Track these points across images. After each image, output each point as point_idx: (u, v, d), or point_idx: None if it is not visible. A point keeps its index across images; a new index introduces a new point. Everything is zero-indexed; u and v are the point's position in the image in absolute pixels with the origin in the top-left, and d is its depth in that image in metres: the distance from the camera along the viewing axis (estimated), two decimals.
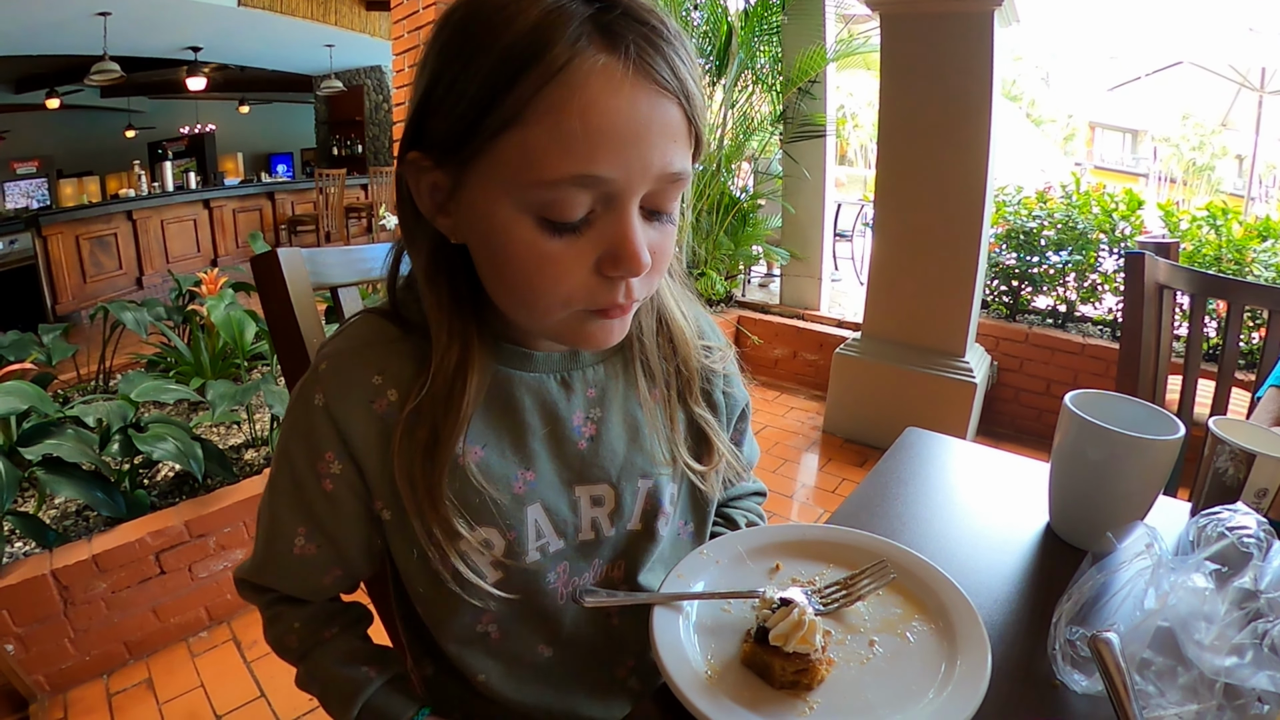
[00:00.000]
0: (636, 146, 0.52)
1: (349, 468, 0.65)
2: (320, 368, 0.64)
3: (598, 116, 0.50)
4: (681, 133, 0.55)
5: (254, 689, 1.85)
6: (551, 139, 0.51)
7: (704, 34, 3.99)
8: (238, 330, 2.78)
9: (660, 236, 0.59)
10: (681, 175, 0.56)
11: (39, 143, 7.05)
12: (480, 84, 0.51)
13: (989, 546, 0.85)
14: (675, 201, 0.59)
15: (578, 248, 0.55)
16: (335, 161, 9.85)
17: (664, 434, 0.73)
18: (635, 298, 0.58)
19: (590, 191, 0.53)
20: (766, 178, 4.46)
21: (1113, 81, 10.10)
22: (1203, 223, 3.30)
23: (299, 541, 0.68)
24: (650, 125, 0.53)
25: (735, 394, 0.82)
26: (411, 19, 3.42)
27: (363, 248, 0.94)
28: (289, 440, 0.66)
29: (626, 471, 0.72)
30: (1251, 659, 0.53)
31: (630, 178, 0.53)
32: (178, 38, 6.86)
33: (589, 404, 0.71)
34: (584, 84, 0.50)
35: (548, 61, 0.50)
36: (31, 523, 1.85)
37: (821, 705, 0.58)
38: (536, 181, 0.52)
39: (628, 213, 0.54)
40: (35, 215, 6.03)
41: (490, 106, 0.51)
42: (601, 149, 0.51)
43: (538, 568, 0.69)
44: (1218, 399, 1.50)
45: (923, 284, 3.11)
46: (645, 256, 0.55)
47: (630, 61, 0.51)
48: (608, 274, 0.56)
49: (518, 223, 0.54)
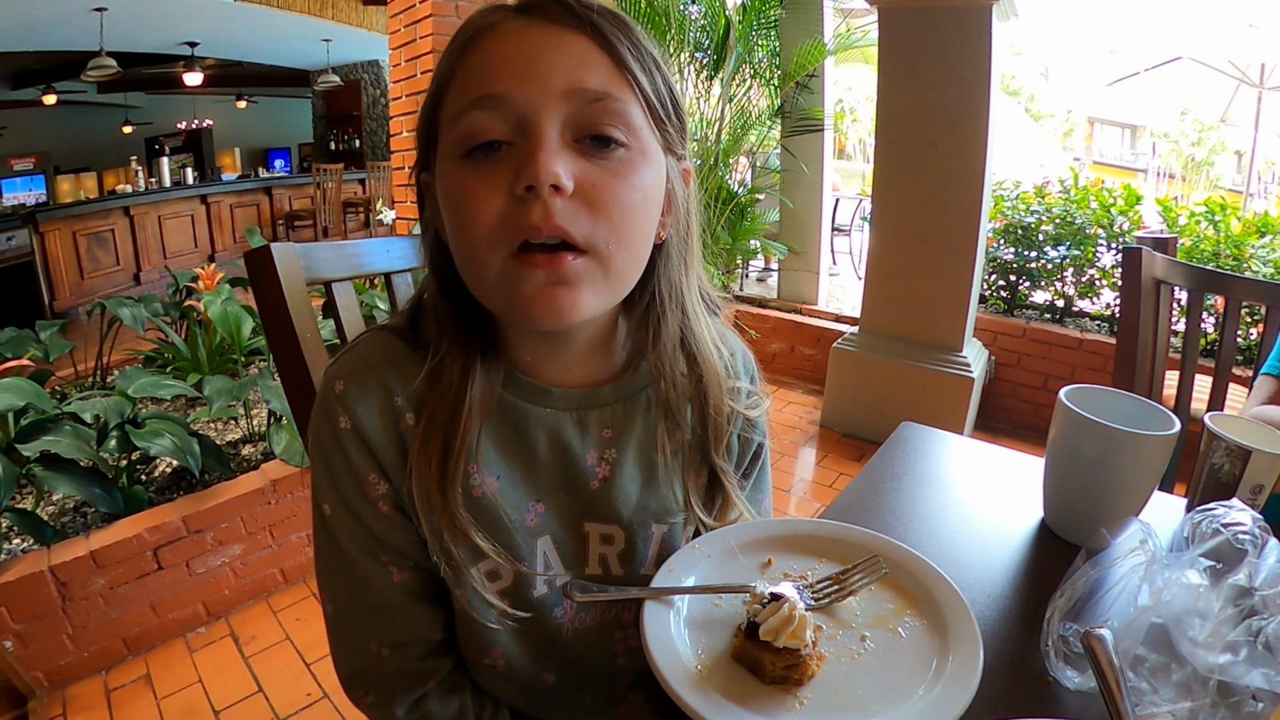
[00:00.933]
0: (530, 66, 0.55)
1: (388, 485, 0.64)
2: (337, 389, 0.63)
3: (497, 51, 0.56)
4: (594, 60, 0.57)
5: (252, 684, 1.85)
6: (462, 82, 0.57)
7: (702, 28, 3.98)
8: (235, 326, 2.78)
9: (602, 172, 0.57)
10: (606, 95, 0.56)
11: (36, 139, 7.02)
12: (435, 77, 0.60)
13: (983, 542, 0.85)
14: (619, 129, 0.57)
15: (495, 175, 0.55)
16: (333, 156, 9.83)
17: (679, 483, 0.72)
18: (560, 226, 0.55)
19: (494, 114, 0.55)
20: (764, 172, 4.45)
21: (1112, 76, 10.07)
22: (1201, 218, 3.29)
23: (392, 571, 0.66)
24: (545, 49, 0.56)
25: (753, 437, 0.80)
26: (408, 13, 3.41)
27: (356, 243, 0.94)
28: (331, 468, 0.64)
29: (639, 515, 0.71)
30: (1245, 656, 0.53)
31: (528, 94, 0.54)
32: (175, 33, 6.84)
33: (603, 444, 0.69)
34: (487, 36, 0.57)
35: (465, 34, 0.58)
36: (29, 519, 1.85)
37: (812, 701, 0.57)
38: (452, 119, 0.57)
39: (537, 129, 0.55)
40: (32, 211, 6.01)
41: (435, 93, 0.60)
42: (494, 73, 0.55)
43: (544, 600, 0.70)
44: (1215, 395, 1.49)
45: (920, 278, 3.11)
46: (554, 167, 0.53)
47: (535, 12, 0.57)
48: (517, 191, 0.54)
49: (449, 170, 0.58)
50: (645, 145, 0.59)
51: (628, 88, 0.58)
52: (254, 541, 2.11)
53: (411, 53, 3.44)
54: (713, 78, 4.00)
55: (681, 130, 0.64)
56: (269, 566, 2.17)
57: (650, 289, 0.66)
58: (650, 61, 0.60)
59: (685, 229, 0.67)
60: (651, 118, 0.60)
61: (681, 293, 0.69)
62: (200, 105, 8.94)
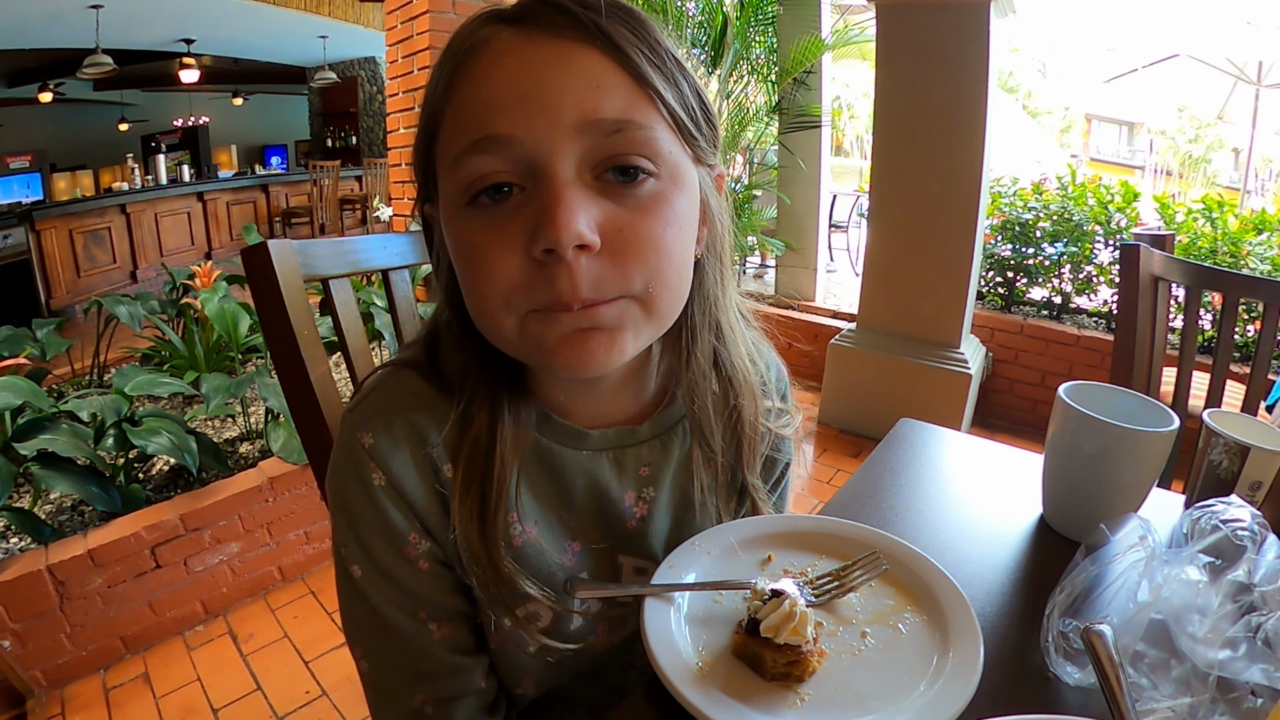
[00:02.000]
0: (533, 99, 0.47)
1: (430, 542, 0.60)
2: (367, 444, 0.58)
3: (491, 81, 0.48)
4: (608, 77, 0.48)
5: (250, 682, 1.85)
6: (456, 119, 0.50)
7: (699, 24, 3.98)
8: (232, 323, 2.77)
9: (630, 212, 0.50)
10: (626, 122, 0.48)
11: (32, 137, 7.00)
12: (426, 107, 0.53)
13: (982, 538, 0.85)
14: (643, 155, 0.50)
15: (507, 230, 0.49)
16: (329, 153, 9.82)
17: (714, 512, 0.71)
18: (587, 295, 0.49)
19: (497, 157, 0.48)
20: (762, 168, 4.45)
21: (1109, 74, 10.08)
22: (1198, 215, 3.30)
23: (432, 629, 0.62)
24: (545, 75, 0.47)
25: (779, 457, 0.79)
26: (405, 9, 3.40)
27: (353, 239, 0.94)
28: (363, 532, 0.59)
29: (671, 546, 0.70)
30: (1245, 652, 0.53)
31: (537, 134, 0.47)
32: (171, 30, 6.83)
33: (641, 483, 0.67)
34: (479, 60, 0.49)
35: (455, 60, 0.50)
36: (27, 518, 1.85)
37: (813, 697, 0.57)
38: (450, 164, 0.50)
39: (550, 175, 0.48)
40: (29, 209, 6.00)
41: (427, 127, 0.52)
42: (491, 111, 0.48)
43: (579, 631, 0.69)
44: (1212, 391, 1.50)
45: (918, 275, 3.11)
46: (575, 224, 0.46)
47: (530, 25, 0.49)
48: (535, 255, 0.48)
49: (455, 218, 0.51)
50: (676, 169, 0.52)
51: (651, 107, 0.50)
52: (252, 539, 2.11)
53: (408, 49, 3.43)
54: (710, 74, 4.00)
55: (714, 136, 0.58)
56: (267, 564, 2.17)
57: (686, 310, 0.60)
58: (674, 66, 0.52)
59: (720, 241, 0.62)
60: (681, 135, 0.52)
61: (716, 310, 0.64)
62: (196, 102, 8.92)
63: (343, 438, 0.60)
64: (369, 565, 0.60)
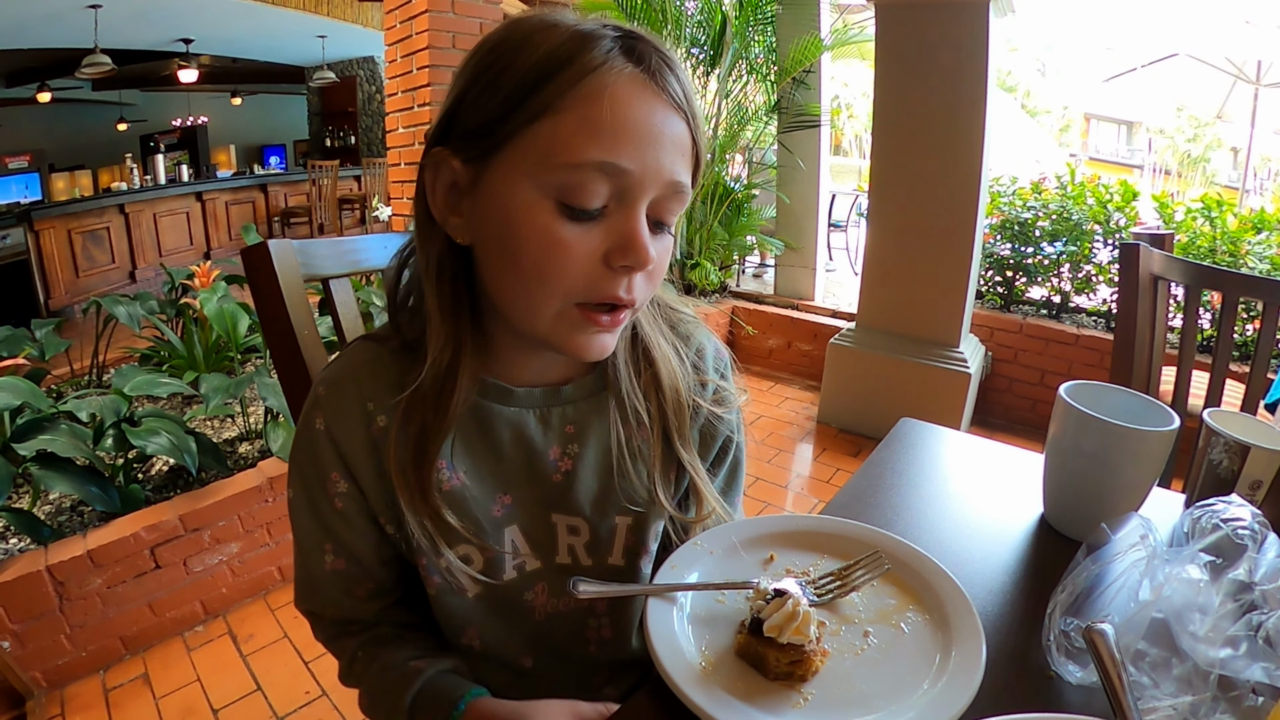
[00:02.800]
0: (653, 147, 0.57)
1: (352, 486, 0.69)
2: (319, 393, 0.69)
3: (624, 111, 0.56)
4: (687, 149, 0.60)
5: (250, 682, 1.85)
6: (583, 125, 0.55)
7: (699, 23, 3.98)
8: (231, 323, 2.77)
9: (662, 251, 0.62)
10: (683, 188, 0.60)
11: (30, 137, 6.99)
12: (517, 80, 0.56)
13: (983, 537, 0.85)
14: (675, 215, 0.62)
15: (590, 237, 0.57)
16: (328, 153, 9.80)
17: (642, 475, 0.73)
18: (634, 297, 0.60)
19: (610, 181, 0.56)
20: (761, 168, 4.46)
21: (1108, 73, 10.08)
22: (1197, 214, 3.30)
23: (329, 559, 0.72)
24: (664, 131, 0.58)
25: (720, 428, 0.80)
26: (404, 9, 3.40)
27: (354, 239, 0.94)
28: (300, 462, 0.70)
29: (600, 506, 0.74)
30: (1246, 651, 0.53)
31: (645, 174, 0.57)
32: (169, 30, 6.82)
33: (566, 439, 0.72)
34: (614, 83, 0.56)
35: (583, 62, 0.56)
36: (26, 519, 1.85)
37: (816, 697, 0.57)
38: (564, 164, 0.55)
39: (638, 208, 0.58)
40: (27, 209, 5.99)
41: (526, 98, 0.56)
42: (625, 141, 0.56)
43: (515, 584, 0.74)
44: (1212, 390, 1.50)
45: (917, 274, 3.11)
46: (652, 252, 0.58)
47: (651, 74, 0.57)
48: (614, 265, 0.58)
49: (537, 206, 0.57)
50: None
51: (695, 174, 0.62)
52: (251, 539, 2.11)
53: (407, 49, 3.43)
54: (709, 73, 4.00)
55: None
56: (266, 564, 2.17)
57: None
58: (703, 130, 0.63)
59: None
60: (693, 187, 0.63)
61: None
62: (195, 102, 8.91)
63: (312, 388, 0.71)
64: (300, 489, 0.71)
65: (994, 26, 2.75)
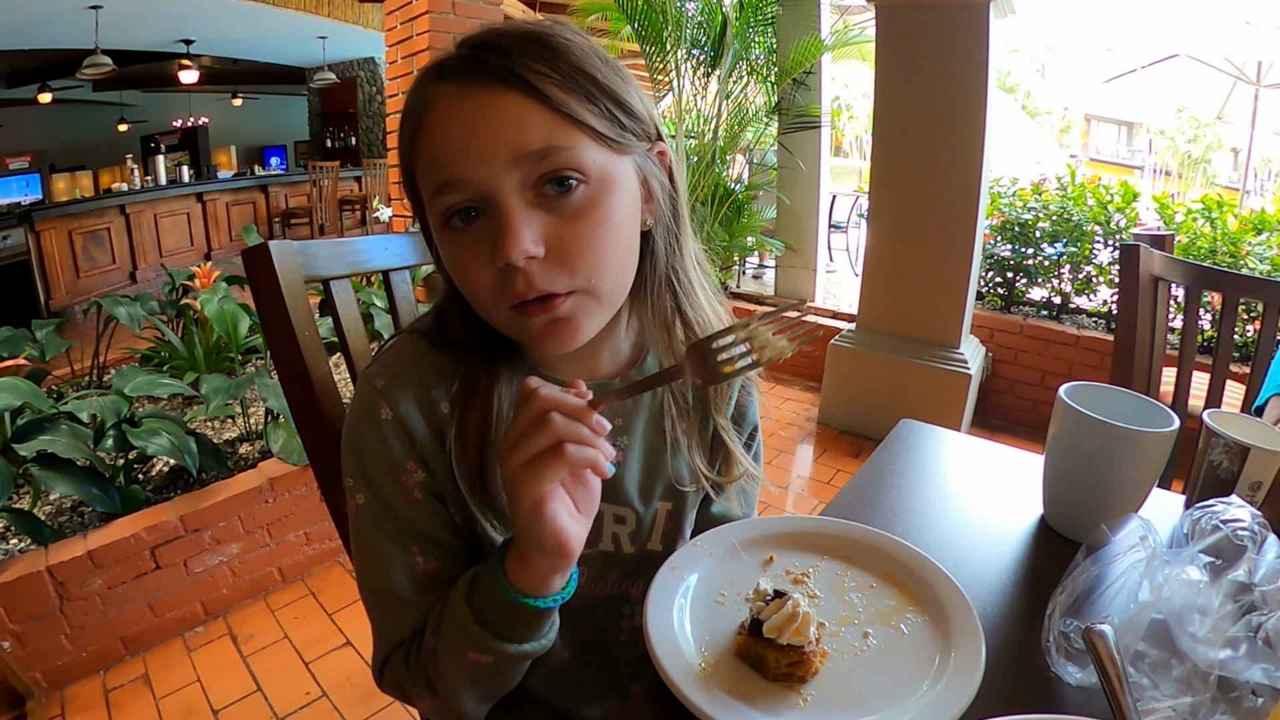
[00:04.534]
0: (472, 145, 0.57)
1: (426, 474, 0.68)
2: (379, 385, 0.67)
3: (440, 133, 0.59)
4: (529, 114, 0.57)
5: (250, 683, 1.85)
6: (425, 167, 0.61)
7: (699, 25, 3.98)
8: (231, 324, 2.77)
9: (566, 222, 0.59)
10: (551, 148, 0.57)
11: (31, 137, 6.99)
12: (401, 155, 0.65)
13: (983, 538, 0.85)
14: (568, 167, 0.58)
15: (476, 246, 0.59)
16: (329, 154, 9.80)
17: (685, 456, 0.76)
18: (541, 287, 0.58)
19: (457, 193, 0.59)
20: (761, 169, 4.46)
21: (1108, 74, 10.08)
22: (1198, 215, 3.30)
23: (419, 561, 0.68)
24: (481, 123, 0.57)
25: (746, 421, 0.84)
26: (404, 10, 3.40)
27: (354, 240, 0.94)
28: (368, 460, 0.67)
29: (645, 495, 0.76)
30: (1245, 652, 0.53)
31: (481, 173, 0.57)
32: (170, 30, 6.82)
33: (616, 432, 0.73)
34: (430, 116, 0.60)
35: (413, 115, 0.61)
36: (26, 519, 1.85)
37: (815, 698, 0.58)
38: (427, 199, 0.61)
39: (498, 202, 0.58)
40: (28, 210, 5.99)
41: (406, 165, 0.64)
42: (444, 160, 0.59)
43: None
44: (1212, 392, 1.50)
45: (917, 275, 3.11)
46: (521, 243, 0.56)
47: (458, 78, 0.59)
48: (499, 267, 0.58)
49: (439, 235, 0.63)
50: (605, 171, 0.61)
51: (572, 128, 0.59)
52: (252, 540, 2.11)
53: (408, 50, 3.43)
54: (710, 75, 4.00)
55: (643, 122, 0.65)
56: (267, 565, 2.17)
57: (640, 277, 0.69)
58: (587, 84, 0.60)
59: (671, 208, 0.70)
60: (605, 141, 0.60)
61: (672, 270, 0.71)
62: (196, 103, 8.91)
63: (359, 387, 0.70)
64: (370, 493, 0.68)
65: (994, 27, 2.75)
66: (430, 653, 0.66)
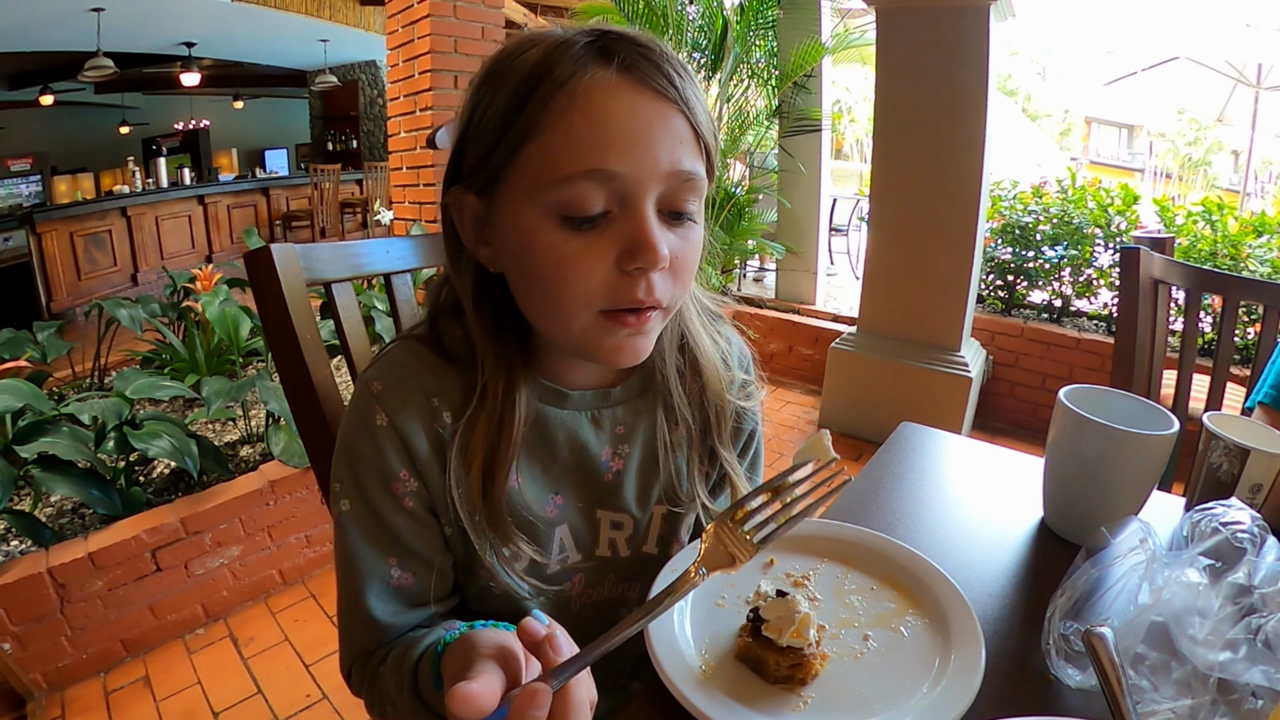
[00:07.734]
0: (641, 143, 0.56)
1: (420, 484, 0.67)
2: (376, 389, 0.66)
3: (600, 117, 0.55)
4: (687, 138, 0.58)
5: (251, 685, 1.85)
6: (562, 142, 0.56)
7: (699, 28, 3.98)
8: (233, 326, 2.78)
9: (682, 242, 0.60)
10: (693, 176, 0.59)
11: (33, 139, 7.01)
12: (501, 110, 0.58)
13: (983, 541, 0.85)
14: (693, 204, 0.60)
15: (598, 245, 0.57)
16: (330, 157, 9.83)
17: (684, 474, 0.77)
18: (657, 298, 0.59)
19: (602, 187, 0.56)
20: (762, 172, 4.45)
21: (1109, 76, 10.09)
22: (1198, 218, 3.30)
23: (394, 574, 0.67)
24: (652, 125, 0.57)
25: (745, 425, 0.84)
26: (406, 13, 3.41)
27: (356, 243, 0.94)
28: (359, 465, 0.66)
29: (642, 501, 0.76)
30: (1245, 654, 0.53)
31: (639, 173, 0.56)
32: (172, 33, 6.83)
33: (617, 440, 0.74)
34: (585, 93, 0.56)
35: (553, 79, 0.56)
36: (27, 521, 1.85)
37: (816, 700, 0.58)
38: (552, 181, 0.56)
39: (642, 208, 0.57)
40: (29, 212, 6.00)
41: (509, 126, 0.58)
42: (607, 146, 0.55)
43: (555, 577, 0.75)
44: (1212, 394, 1.49)
45: (918, 278, 3.11)
46: (662, 250, 0.57)
47: (627, 69, 0.57)
48: (626, 268, 0.57)
49: (542, 226, 0.58)
50: (703, 203, 0.63)
51: (705, 161, 0.60)
52: (252, 543, 2.11)
53: (410, 53, 3.44)
54: (710, 78, 4.00)
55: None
56: (267, 568, 2.17)
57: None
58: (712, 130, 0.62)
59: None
60: (711, 176, 0.62)
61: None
62: (197, 106, 8.94)
63: (356, 391, 0.68)
64: (357, 498, 0.66)
65: (994, 30, 2.76)
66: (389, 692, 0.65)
